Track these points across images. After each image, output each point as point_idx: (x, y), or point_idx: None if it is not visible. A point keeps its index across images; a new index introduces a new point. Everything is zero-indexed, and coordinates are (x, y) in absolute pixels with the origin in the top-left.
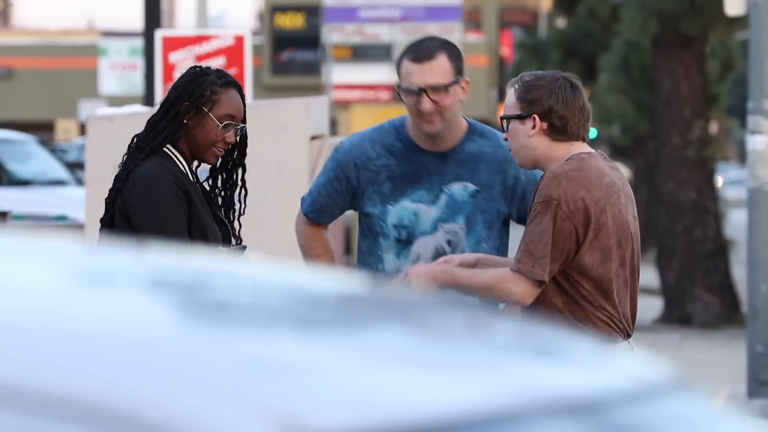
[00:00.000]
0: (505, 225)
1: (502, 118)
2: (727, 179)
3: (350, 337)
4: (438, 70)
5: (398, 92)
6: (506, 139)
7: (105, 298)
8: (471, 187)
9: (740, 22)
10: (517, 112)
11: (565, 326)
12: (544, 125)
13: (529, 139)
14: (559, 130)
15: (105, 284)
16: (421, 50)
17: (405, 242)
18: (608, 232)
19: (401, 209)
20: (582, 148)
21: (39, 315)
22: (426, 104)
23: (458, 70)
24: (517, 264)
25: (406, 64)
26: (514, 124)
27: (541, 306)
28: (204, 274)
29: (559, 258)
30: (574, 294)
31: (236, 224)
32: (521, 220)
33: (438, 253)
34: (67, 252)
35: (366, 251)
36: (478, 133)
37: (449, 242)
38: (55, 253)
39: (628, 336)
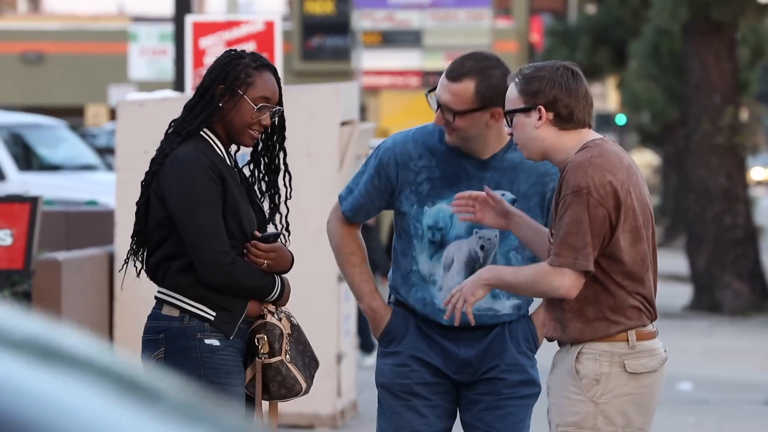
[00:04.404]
0: None
1: (505, 114)
2: None
3: None
4: (456, 93)
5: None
6: (511, 135)
7: None
8: (509, 195)
9: None
10: (521, 105)
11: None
12: (550, 115)
13: (536, 131)
14: (566, 119)
15: None
16: (455, 68)
17: (438, 245)
18: (635, 214)
19: (437, 211)
20: (591, 134)
21: None
22: (439, 119)
23: (484, 100)
24: (557, 258)
25: (443, 76)
26: (519, 118)
27: (573, 298)
28: None
29: (598, 245)
30: (606, 282)
31: (283, 209)
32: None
33: (471, 258)
34: None
35: (400, 252)
36: None
37: (482, 247)
38: None
39: (654, 318)
